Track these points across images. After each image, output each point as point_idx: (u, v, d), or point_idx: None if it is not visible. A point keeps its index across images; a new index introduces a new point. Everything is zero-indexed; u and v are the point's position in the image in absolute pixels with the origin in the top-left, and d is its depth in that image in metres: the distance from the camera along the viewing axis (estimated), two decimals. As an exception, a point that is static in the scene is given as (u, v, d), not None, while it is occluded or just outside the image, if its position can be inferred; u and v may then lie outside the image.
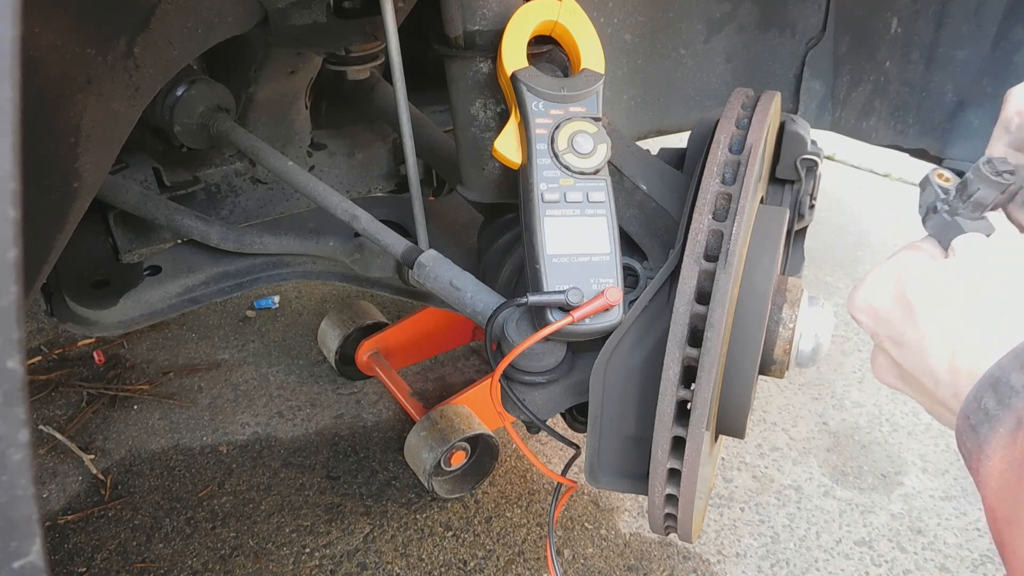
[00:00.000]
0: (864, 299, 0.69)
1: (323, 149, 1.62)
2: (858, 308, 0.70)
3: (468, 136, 1.09)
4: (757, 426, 2.03)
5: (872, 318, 0.68)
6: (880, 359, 0.70)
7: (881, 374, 0.71)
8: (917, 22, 1.42)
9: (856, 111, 1.58)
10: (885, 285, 0.68)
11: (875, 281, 0.69)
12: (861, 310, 0.69)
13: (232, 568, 1.62)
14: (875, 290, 0.68)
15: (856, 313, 0.70)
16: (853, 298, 0.70)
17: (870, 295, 0.69)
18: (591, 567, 1.64)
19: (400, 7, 1.19)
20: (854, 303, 0.70)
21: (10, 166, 0.35)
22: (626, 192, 1.00)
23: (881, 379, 0.71)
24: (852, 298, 0.71)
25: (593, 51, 0.96)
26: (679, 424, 0.86)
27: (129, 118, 0.99)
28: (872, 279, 0.69)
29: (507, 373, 0.96)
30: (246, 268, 1.40)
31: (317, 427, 2.00)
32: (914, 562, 1.66)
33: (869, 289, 0.69)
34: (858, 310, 0.70)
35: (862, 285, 0.70)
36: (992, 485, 0.53)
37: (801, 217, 1.14)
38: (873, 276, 0.69)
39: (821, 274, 2.71)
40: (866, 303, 0.69)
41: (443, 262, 1.08)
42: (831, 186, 3.28)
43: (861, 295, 0.69)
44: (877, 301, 0.68)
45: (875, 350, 0.71)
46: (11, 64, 0.34)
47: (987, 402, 0.54)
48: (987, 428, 0.53)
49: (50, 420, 2.00)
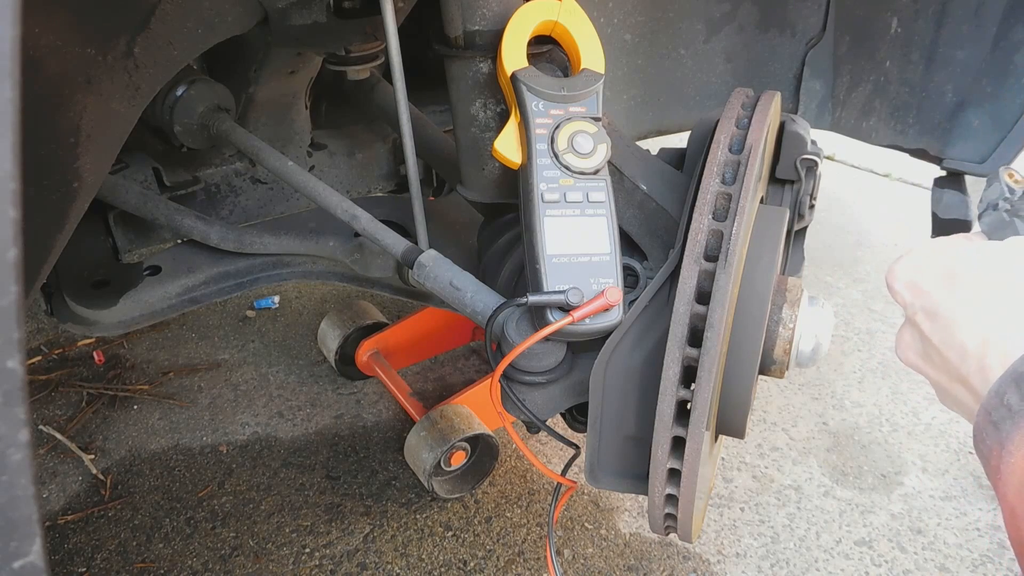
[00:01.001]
0: (906, 270, 0.68)
1: (323, 149, 1.62)
2: (898, 278, 0.68)
3: (468, 136, 1.09)
4: (757, 426, 2.03)
5: (911, 290, 0.67)
6: (907, 335, 0.69)
7: (903, 351, 0.70)
8: (917, 22, 1.42)
9: (856, 111, 1.58)
10: (930, 259, 0.67)
11: (920, 254, 0.68)
12: (901, 281, 0.68)
13: (232, 568, 1.62)
14: (919, 263, 0.67)
15: (895, 283, 0.69)
16: (894, 269, 0.69)
17: (913, 267, 0.68)
18: (591, 567, 1.64)
19: (400, 7, 1.19)
20: (894, 274, 0.69)
21: (10, 166, 0.35)
22: (626, 192, 1.00)
23: (903, 356, 0.70)
24: (893, 270, 0.69)
25: (593, 51, 0.96)
26: (679, 424, 0.86)
27: (129, 118, 0.99)
28: (917, 252, 0.68)
29: (507, 373, 0.96)
30: (246, 268, 1.40)
31: (317, 427, 2.00)
32: (914, 562, 1.66)
33: (912, 261, 0.68)
34: (897, 280, 0.68)
35: (905, 258, 0.69)
36: (1014, 483, 0.51)
37: (801, 217, 1.14)
38: (918, 250, 0.68)
39: (821, 274, 2.71)
40: (908, 275, 0.68)
41: (443, 262, 1.08)
42: (831, 186, 3.28)
43: (903, 266, 0.68)
44: (919, 274, 0.67)
45: (903, 326, 0.70)
46: (11, 64, 0.34)
47: (1010, 398, 0.53)
48: (1010, 424, 0.52)
49: (50, 420, 2.00)
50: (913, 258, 0.68)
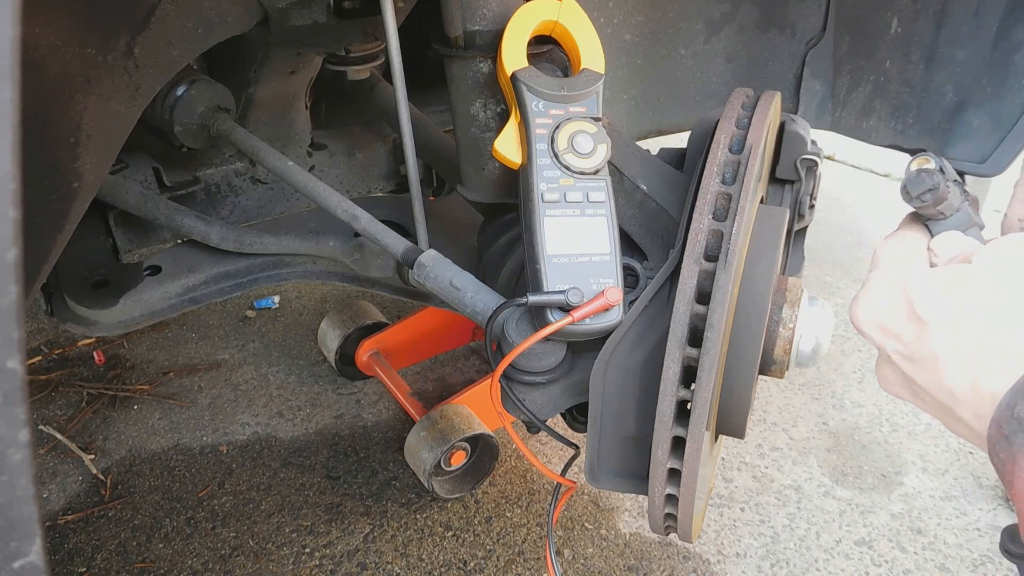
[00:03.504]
0: (868, 312, 0.65)
1: (323, 149, 1.62)
2: (863, 321, 0.66)
3: (468, 136, 1.09)
4: (757, 426, 2.03)
5: (879, 332, 0.65)
6: (887, 371, 0.67)
7: (888, 386, 0.68)
8: (917, 22, 1.42)
9: (856, 111, 1.58)
10: (890, 296, 0.64)
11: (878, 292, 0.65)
12: (866, 323, 0.66)
13: (232, 568, 1.62)
14: (879, 302, 0.65)
15: (861, 326, 0.66)
16: (855, 311, 0.67)
17: (874, 308, 0.65)
18: (591, 567, 1.64)
19: (400, 7, 1.19)
20: (857, 317, 0.66)
21: (10, 166, 0.35)
22: (626, 192, 1.00)
23: (888, 390, 0.68)
24: (854, 311, 0.67)
25: (593, 51, 0.96)
26: (679, 424, 0.86)
27: (129, 118, 0.99)
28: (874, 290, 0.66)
29: (507, 373, 0.96)
30: (246, 268, 1.40)
31: (317, 427, 2.00)
32: (914, 562, 1.66)
33: (872, 300, 0.65)
34: (863, 323, 0.66)
35: (863, 296, 0.66)
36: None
37: (801, 217, 1.14)
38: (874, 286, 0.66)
39: (821, 274, 2.71)
40: (871, 316, 0.65)
41: (443, 262, 1.08)
42: (831, 186, 3.28)
43: (864, 308, 0.66)
44: (883, 315, 0.64)
45: (880, 361, 0.68)
46: (11, 64, 0.34)
47: (1020, 410, 0.52)
48: (1021, 437, 0.51)
49: (50, 420, 2.00)
50: (871, 296, 0.66)
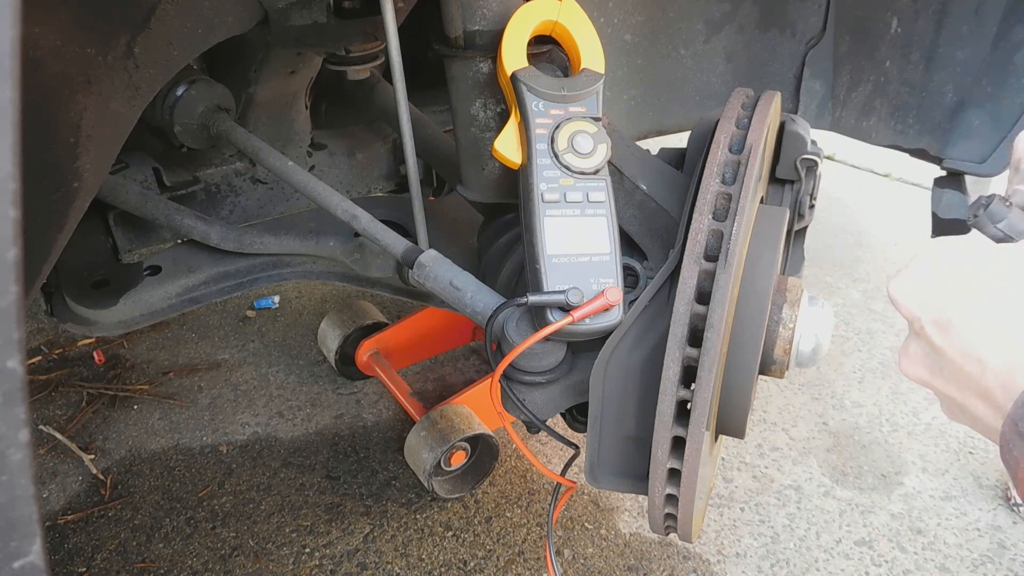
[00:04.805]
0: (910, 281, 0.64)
1: (323, 149, 1.62)
2: (902, 290, 0.65)
3: (468, 136, 1.09)
4: (757, 426, 2.03)
5: (917, 300, 0.64)
6: (913, 347, 0.66)
7: (909, 365, 0.66)
8: (917, 22, 1.42)
9: (856, 111, 1.58)
10: (936, 268, 0.63)
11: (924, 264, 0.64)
12: (905, 292, 0.65)
13: (232, 568, 1.62)
14: (923, 273, 0.64)
15: (899, 295, 0.65)
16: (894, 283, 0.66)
17: (917, 277, 0.64)
18: (591, 567, 1.64)
19: (400, 7, 1.19)
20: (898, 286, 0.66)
21: (10, 166, 0.35)
22: (626, 192, 1.00)
23: (908, 371, 0.67)
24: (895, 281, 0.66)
25: (593, 51, 0.96)
26: (679, 424, 0.86)
27: (129, 118, 0.99)
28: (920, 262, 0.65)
29: (507, 373, 0.96)
30: (246, 268, 1.40)
31: (317, 427, 2.00)
32: (914, 562, 1.66)
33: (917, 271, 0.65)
34: (901, 292, 0.65)
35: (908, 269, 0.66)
36: None
37: (801, 217, 1.14)
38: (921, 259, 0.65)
39: (821, 274, 2.71)
40: (912, 286, 0.64)
41: (443, 262, 1.08)
42: (831, 186, 3.28)
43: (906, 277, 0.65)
44: (925, 283, 0.63)
45: (908, 339, 0.67)
46: (11, 64, 0.34)
47: None
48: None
49: (50, 420, 2.00)
50: (917, 268, 0.65)
